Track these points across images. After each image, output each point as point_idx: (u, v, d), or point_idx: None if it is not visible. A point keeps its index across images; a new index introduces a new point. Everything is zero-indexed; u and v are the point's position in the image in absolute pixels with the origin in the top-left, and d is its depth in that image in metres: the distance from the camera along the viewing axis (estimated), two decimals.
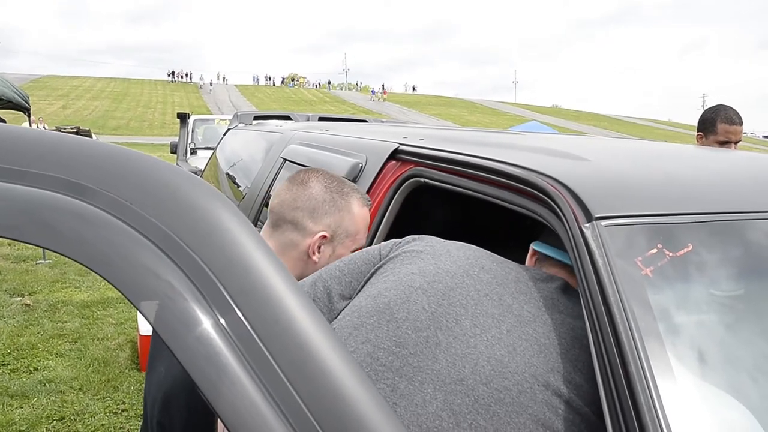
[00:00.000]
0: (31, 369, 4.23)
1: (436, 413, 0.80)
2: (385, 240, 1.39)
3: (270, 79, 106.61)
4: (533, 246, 1.19)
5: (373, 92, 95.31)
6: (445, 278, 0.97)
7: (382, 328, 0.90)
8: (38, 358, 4.40)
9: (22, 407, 3.69)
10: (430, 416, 0.80)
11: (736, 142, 2.98)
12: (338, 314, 1.00)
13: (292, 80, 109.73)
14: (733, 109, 3.01)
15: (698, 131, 3.08)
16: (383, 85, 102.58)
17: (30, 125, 8.20)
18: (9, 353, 4.47)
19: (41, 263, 6.94)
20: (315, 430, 0.55)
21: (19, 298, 5.68)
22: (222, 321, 0.57)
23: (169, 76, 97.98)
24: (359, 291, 1.04)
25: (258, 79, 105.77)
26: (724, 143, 2.94)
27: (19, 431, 3.43)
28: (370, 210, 1.46)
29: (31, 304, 5.54)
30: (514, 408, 0.82)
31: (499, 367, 0.85)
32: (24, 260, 7.11)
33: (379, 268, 1.06)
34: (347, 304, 1.01)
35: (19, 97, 7.41)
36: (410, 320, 0.90)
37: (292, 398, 0.55)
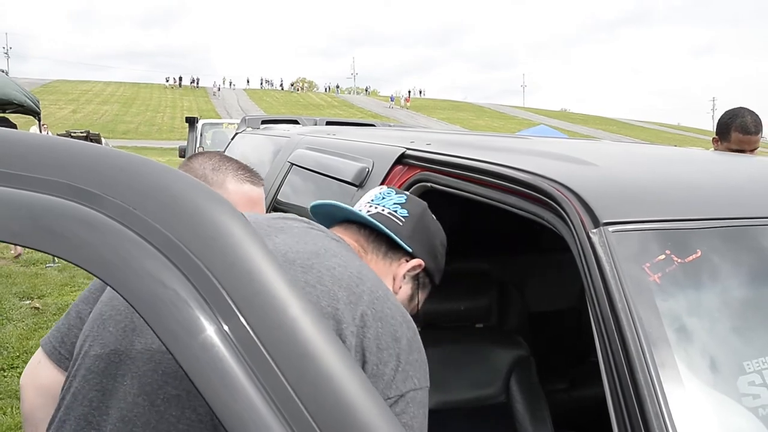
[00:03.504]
0: None
1: (135, 402, 0.79)
2: None
3: (268, 82, 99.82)
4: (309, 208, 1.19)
5: (392, 98, 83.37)
6: None
7: (100, 334, 0.87)
8: None
9: None
10: (131, 406, 0.79)
11: (751, 151, 2.78)
12: None
13: (291, 85, 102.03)
14: (752, 116, 2.79)
15: (716, 134, 2.94)
16: (409, 91, 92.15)
17: (40, 130, 8.26)
18: (18, 356, 4.48)
19: (50, 267, 6.97)
20: None
21: (28, 302, 5.71)
22: (225, 328, 0.56)
23: (166, 81, 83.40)
24: None
25: (261, 83, 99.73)
26: (737, 152, 2.74)
27: None
28: (263, 187, 1.47)
29: (40, 307, 5.57)
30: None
31: None
32: (33, 263, 7.14)
33: None
34: None
35: (30, 101, 7.47)
36: (113, 316, 0.88)
37: (295, 405, 0.55)
